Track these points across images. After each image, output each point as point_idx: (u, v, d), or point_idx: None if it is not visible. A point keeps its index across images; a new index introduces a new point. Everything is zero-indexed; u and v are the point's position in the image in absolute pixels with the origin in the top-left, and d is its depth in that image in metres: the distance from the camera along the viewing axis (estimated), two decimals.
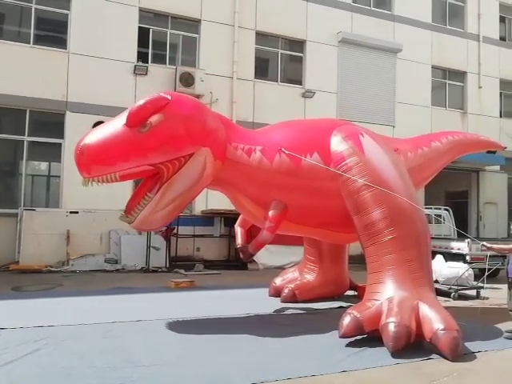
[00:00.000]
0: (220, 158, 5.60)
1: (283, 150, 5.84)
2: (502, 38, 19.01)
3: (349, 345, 5.01)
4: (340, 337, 4.97)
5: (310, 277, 7.71)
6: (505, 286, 6.00)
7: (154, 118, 5.05)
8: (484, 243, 5.72)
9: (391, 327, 4.72)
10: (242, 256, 6.57)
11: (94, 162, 4.97)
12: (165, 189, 5.32)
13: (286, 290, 7.52)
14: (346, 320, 5.00)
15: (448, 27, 17.80)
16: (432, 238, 6.09)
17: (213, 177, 5.66)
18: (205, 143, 5.40)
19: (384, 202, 5.46)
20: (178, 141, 5.23)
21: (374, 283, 5.38)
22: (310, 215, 6.12)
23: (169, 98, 5.24)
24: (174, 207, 5.46)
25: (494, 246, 5.65)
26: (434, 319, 4.81)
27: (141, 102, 5.13)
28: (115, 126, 5.12)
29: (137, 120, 5.01)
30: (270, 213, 5.85)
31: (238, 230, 7.19)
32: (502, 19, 19.10)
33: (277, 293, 7.78)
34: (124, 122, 5.04)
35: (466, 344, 4.98)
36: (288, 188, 5.89)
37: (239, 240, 7.04)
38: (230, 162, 5.72)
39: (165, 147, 5.16)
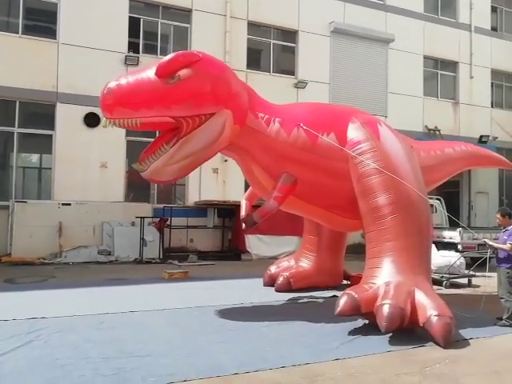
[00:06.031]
0: (239, 123, 5.66)
1: (302, 125, 5.92)
2: (494, 29, 19.02)
3: (342, 333, 5.05)
4: (336, 314, 4.99)
5: (305, 265, 7.77)
6: (495, 274, 6.07)
7: (183, 72, 5.12)
8: (486, 240, 5.80)
9: (386, 308, 4.78)
10: (244, 226, 6.64)
11: (119, 103, 4.99)
12: (181, 143, 5.36)
13: (280, 278, 7.56)
14: (344, 299, 5.02)
15: (440, 17, 17.77)
16: None
17: (229, 140, 5.70)
18: (227, 105, 5.46)
19: (392, 188, 5.53)
20: (203, 98, 5.29)
21: (372, 267, 5.44)
22: (319, 194, 6.18)
23: (200, 56, 5.34)
24: (187, 163, 5.50)
25: (495, 244, 5.73)
26: (429, 306, 4.87)
27: (173, 54, 5.21)
28: (145, 73, 5.17)
29: (166, 71, 5.08)
30: (279, 183, 5.90)
31: (243, 203, 7.35)
32: (494, 9, 19.09)
33: (271, 280, 7.83)
34: (154, 71, 5.08)
35: (459, 331, 5.04)
36: (301, 162, 5.94)
37: (243, 212, 7.18)
38: (248, 128, 5.78)
39: (189, 102, 5.22)
